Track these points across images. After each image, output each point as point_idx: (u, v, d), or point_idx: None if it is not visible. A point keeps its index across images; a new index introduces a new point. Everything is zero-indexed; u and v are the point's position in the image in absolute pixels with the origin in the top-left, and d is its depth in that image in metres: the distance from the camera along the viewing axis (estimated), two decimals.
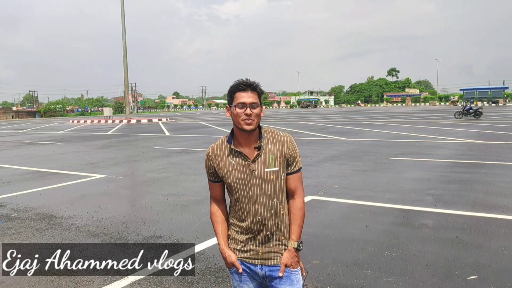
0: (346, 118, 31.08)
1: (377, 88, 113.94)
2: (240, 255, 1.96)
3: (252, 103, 1.82)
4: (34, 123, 43.80)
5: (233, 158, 1.88)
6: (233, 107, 1.85)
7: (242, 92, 1.83)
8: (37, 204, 6.24)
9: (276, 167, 1.85)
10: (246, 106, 1.81)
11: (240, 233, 1.95)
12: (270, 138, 1.89)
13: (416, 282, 3.29)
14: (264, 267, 1.91)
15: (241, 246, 1.95)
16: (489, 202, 5.63)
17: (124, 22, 37.24)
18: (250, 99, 1.82)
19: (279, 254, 1.92)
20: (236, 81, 1.87)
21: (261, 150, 1.86)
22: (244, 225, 1.92)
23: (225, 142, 1.93)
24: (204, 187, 7.12)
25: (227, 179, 1.90)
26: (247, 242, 1.93)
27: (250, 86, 1.84)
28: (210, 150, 1.97)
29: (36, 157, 12.51)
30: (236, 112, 1.83)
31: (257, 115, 1.84)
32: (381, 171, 8.20)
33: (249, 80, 1.86)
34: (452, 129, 17.70)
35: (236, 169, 1.87)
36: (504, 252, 3.86)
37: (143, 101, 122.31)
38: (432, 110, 45.95)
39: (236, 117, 1.83)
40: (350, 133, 17.25)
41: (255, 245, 1.92)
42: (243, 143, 1.88)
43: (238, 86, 1.85)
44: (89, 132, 24.29)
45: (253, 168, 1.85)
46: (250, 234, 1.92)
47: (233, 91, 1.86)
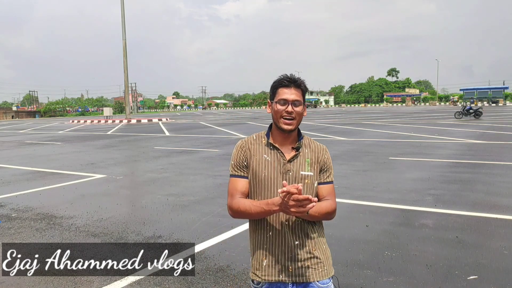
0: (346, 118, 31.09)
1: (377, 88, 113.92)
2: (266, 272, 1.73)
3: (295, 101, 1.71)
4: (34, 123, 43.80)
5: (269, 154, 1.75)
6: (274, 103, 1.74)
7: (285, 88, 1.73)
8: (37, 204, 6.24)
9: (311, 171, 1.75)
10: (288, 103, 1.70)
11: (265, 244, 1.74)
12: (307, 143, 1.81)
13: (416, 282, 3.29)
14: (296, 286, 1.72)
15: (268, 261, 1.73)
16: (489, 202, 5.63)
17: (124, 22, 37.25)
18: (293, 96, 1.71)
19: (312, 269, 1.73)
20: (280, 76, 1.76)
21: (299, 151, 1.76)
22: (271, 233, 1.73)
23: (263, 136, 1.81)
24: (204, 187, 7.12)
25: (259, 174, 1.74)
26: (274, 254, 1.72)
27: (295, 82, 1.73)
28: (244, 142, 1.82)
29: (36, 157, 12.51)
30: (277, 108, 1.72)
31: (299, 113, 1.73)
32: (381, 171, 8.20)
33: (293, 76, 1.75)
34: (452, 129, 17.70)
35: (270, 166, 1.73)
36: (504, 252, 3.86)
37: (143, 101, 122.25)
38: (432, 110, 45.96)
39: (276, 114, 1.73)
40: (350, 133, 17.25)
41: (284, 258, 1.71)
42: (280, 141, 1.77)
43: (281, 82, 1.74)
44: (89, 132, 24.29)
45: (288, 168, 1.73)
46: (277, 244, 1.72)
47: (276, 86, 1.75)
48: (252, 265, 1.80)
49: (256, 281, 1.77)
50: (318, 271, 1.74)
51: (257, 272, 1.76)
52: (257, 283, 1.76)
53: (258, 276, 1.75)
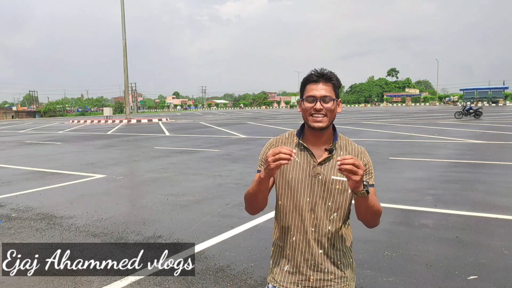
0: (346, 118, 31.09)
1: (377, 88, 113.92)
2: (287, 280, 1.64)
3: (324, 97, 1.58)
4: (34, 123, 43.80)
5: (298, 155, 1.64)
6: (302, 100, 1.63)
7: (313, 84, 1.60)
8: (37, 204, 6.24)
9: (344, 177, 1.52)
10: (316, 100, 1.58)
11: (287, 249, 1.64)
12: (343, 145, 1.67)
13: (416, 282, 3.29)
14: None
15: (289, 267, 1.63)
16: (489, 202, 5.63)
17: (124, 22, 37.25)
18: (322, 91, 1.58)
19: (335, 284, 1.62)
20: (310, 71, 1.63)
21: (332, 153, 1.62)
22: (294, 239, 1.63)
23: (294, 136, 1.70)
24: (204, 187, 7.12)
25: (286, 176, 1.63)
26: (296, 261, 1.62)
27: (323, 76, 1.60)
28: (275, 139, 1.74)
29: (36, 157, 12.51)
30: (305, 106, 1.60)
31: (330, 110, 1.59)
32: (381, 171, 8.20)
33: (323, 70, 1.61)
34: (452, 129, 17.70)
35: (299, 167, 1.62)
36: (504, 252, 3.86)
37: (143, 101, 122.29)
38: (432, 110, 45.96)
39: (305, 113, 1.61)
40: (350, 133, 17.24)
41: (306, 267, 1.61)
42: (312, 142, 1.65)
43: (310, 77, 1.62)
44: (89, 132, 24.29)
45: (318, 171, 1.60)
46: (300, 250, 1.62)
47: (305, 83, 1.64)
48: (271, 269, 1.71)
49: (271, 285, 1.69)
50: (341, 285, 1.63)
51: (276, 276, 1.68)
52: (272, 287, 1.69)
53: (276, 281, 1.67)
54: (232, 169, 8.92)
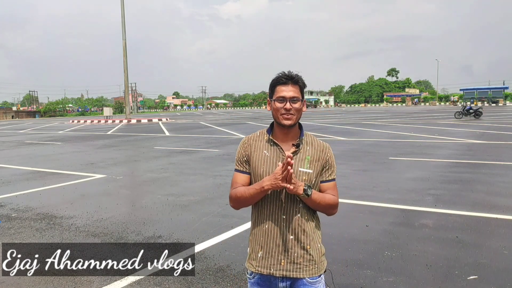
0: (346, 118, 31.09)
1: (377, 88, 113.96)
2: (259, 264, 1.80)
3: (293, 98, 1.75)
4: (34, 123, 43.80)
5: (269, 150, 1.81)
6: (273, 101, 1.79)
7: (283, 86, 1.77)
8: (37, 204, 6.24)
9: (310, 169, 1.78)
10: (286, 101, 1.75)
11: (261, 236, 1.81)
12: (309, 141, 1.84)
13: (416, 282, 3.29)
14: (286, 280, 1.78)
15: (263, 253, 1.80)
16: (489, 202, 5.63)
17: (124, 22, 37.25)
18: (290, 93, 1.75)
19: (304, 266, 1.77)
20: (278, 74, 1.80)
21: (299, 148, 1.79)
22: (267, 226, 1.79)
23: (264, 133, 1.87)
24: (204, 187, 7.12)
25: (258, 170, 1.80)
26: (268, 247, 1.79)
27: (292, 79, 1.77)
28: (247, 138, 1.91)
29: (36, 157, 12.51)
30: (276, 106, 1.77)
31: (297, 110, 1.77)
32: (381, 171, 8.20)
33: (291, 73, 1.78)
34: (452, 129, 17.70)
35: (269, 161, 1.78)
36: (504, 252, 3.86)
37: (143, 101, 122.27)
38: (432, 110, 45.96)
39: (276, 112, 1.78)
40: (350, 133, 17.25)
41: (278, 252, 1.77)
42: (281, 138, 1.82)
43: (279, 79, 1.78)
44: (89, 132, 24.29)
45: None
46: (272, 237, 1.78)
47: (274, 85, 1.80)
48: (249, 255, 1.87)
49: (249, 271, 1.85)
50: (309, 268, 1.78)
51: (252, 262, 1.83)
52: (250, 273, 1.85)
53: (253, 266, 1.83)
54: (232, 169, 8.89)
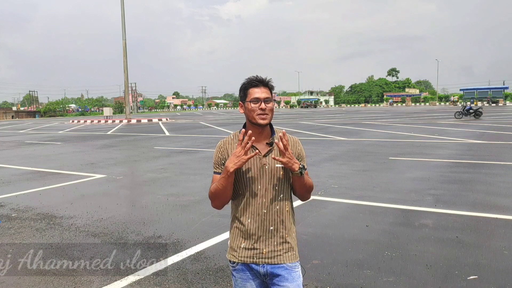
0: (346, 118, 31.09)
1: (377, 88, 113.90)
2: (243, 254, 1.93)
3: (266, 98, 1.87)
4: (34, 123, 43.80)
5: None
6: (247, 102, 1.89)
7: (255, 88, 1.89)
8: (37, 204, 6.25)
9: None
10: (260, 101, 1.86)
11: (244, 230, 1.94)
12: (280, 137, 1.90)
13: (416, 282, 3.29)
14: (267, 266, 1.91)
15: (246, 244, 1.93)
16: (489, 202, 5.63)
17: (124, 22, 37.22)
18: (263, 94, 1.87)
19: (284, 253, 1.92)
20: (248, 78, 1.92)
21: (273, 146, 1.90)
22: (249, 221, 1.92)
23: (237, 136, 1.96)
24: (204, 187, 7.12)
25: (238, 171, 1.89)
26: (251, 239, 1.92)
27: (263, 82, 1.90)
28: (222, 142, 2.01)
29: (36, 157, 12.51)
30: (251, 107, 1.87)
31: (270, 109, 1.89)
32: (381, 171, 8.20)
33: (261, 77, 1.92)
34: (452, 129, 17.70)
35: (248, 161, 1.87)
36: (504, 252, 3.86)
37: (143, 101, 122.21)
38: (432, 110, 45.97)
39: (251, 112, 1.87)
40: (350, 133, 17.25)
41: (259, 242, 1.91)
42: (256, 138, 1.88)
43: (251, 83, 1.90)
44: (89, 132, 24.29)
45: (264, 162, 1.89)
46: (254, 230, 1.91)
47: (246, 88, 1.91)
48: (230, 247, 1.98)
49: (232, 261, 1.98)
50: (289, 254, 1.93)
51: (234, 253, 1.95)
52: (232, 262, 1.98)
53: (235, 257, 1.95)
54: None
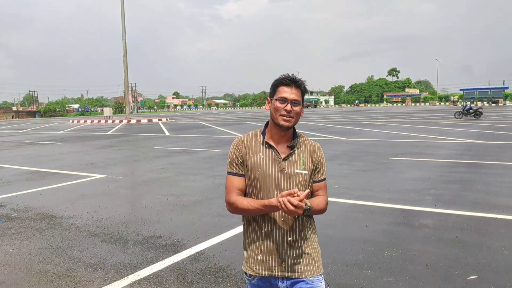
0: (346, 118, 31.09)
1: (377, 88, 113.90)
2: (261, 267, 1.79)
3: (294, 100, 1.75)
4: (34, 123, 43.80)
5: (264, 152, 1.79)
6: (274, 100, 1.78)
7: (286, 87, 1.76)
8: (37, 204, 6.24)
9: (305, 170, 1.78)
10: (287, 102, 1.74)
11: (260, 239, 1.79)
12: (302, 142, 1.84)
13: (416, 282, 3.29)
14: (286, 281, 1.78)
15: (262, 256, 1.78)
16: (489, 202, 5.63)
17: (124, 22, 37.22)
18: (292, 95, 1.75)
19: (304, 266, 1.78)
20: (282, 75, 1.80)
21: (293, 149, 1.79)
22: (265, 229, 1.78)
23: (258, 135, 1.84)
24: (204, 187, 7.12)
25: (254, 173, 1.78)
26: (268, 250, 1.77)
27: (295, 82, 1.77)
28: (240, 139, 1.86)
29: (36, 157, 12.51)
30: (276, 106, 1.75)
31: (297, 113, 1.77)
32: (381, 171, 8.20)
33: (295, 76, 1.80)
34: (452, 129, 17.70)
35: (265, 164, 1.77)
36: (504, 252, 3.85)
37: (143, 101, 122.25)
38: (432, 110, 45.96)
39: (275, 112, 1.76)
40: (350, 133, 17.25)
41: (278, 254, 1.77)
42: (276, 139, 1.80)
43: (282, 81, 1.78)
44: (89, 132, 24.29)
45: (283, 166, 1.76)
46: (271, 239, 1.77)
47: (277, 84, 1.79)
48: (246, 258, 1.85)
49: (248, 274, 1.83)
50: (310, 267, 1.79)
51: (251, 265, 1.82)
52: (249, 275, 1.83)
53: (252, 269, 1.81)
54: None
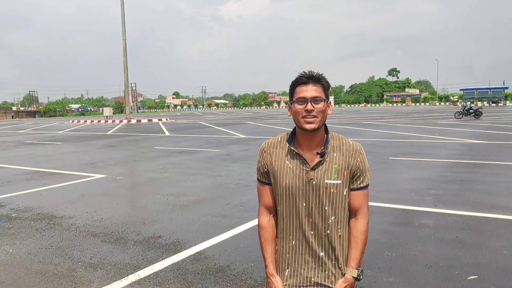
0: (346, 118, 31.08)
1: (377, 88, 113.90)
2: (286, 283, 1.65)
3: (314, 97, 1.55)
4: (34, 123, 43.80)
5: (291, 160, 1.61)
6: (292, 103, 1.60)
7: (303, 86, 1.57)
8: (37, 204, 6.24)
9: (338, 179, 1.58)
10: (307, 101, 1.55)
11: (287, 253, 1.66)
12: (336, 146, 1.62)
13: (416, 282, 3.29)
14: None
15: (289, 271, 1.65)
16: (489, 202, 5.63)
17: (124, 22, 37.24)
18: (312, 92, 1.55)
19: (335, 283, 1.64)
20: (298, 74, 1.61)
21: (324, 157, 1.59)
22: (293, 242, 1.64)
23: (284, 141, 1.66)
24: (204, 187, 7.12)
25: (279, 183, 1.62)
26: (296, 264, 1.64)
27: (313, 77, 1.57)
28: (266, 145, 1.70)
29: (36, 157, 12.51)
30: (296, 109, 1.57)
31: (321, 111, 1.56)
32: (381, 171, 8.20)
33: (312, 72, 1.59)
34: (452, 129, 17.70)
35: (292, 173, 1.60)
36: (504, 252, 3.85)
37: (143, 101, 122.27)
38: (432, 110, 45.96)
39: (296, 115, 1.57)
40: (350, 133, 17.24)
41: (307, 269, 1.62)
42: (305, 145, 1.61)
43: (298, 80, 1.59)
44: (89, 132, 24.29)
45: (311, 176, 1.58)
46: (300, 254, 1.63)
47: (294, 86, 1.61)
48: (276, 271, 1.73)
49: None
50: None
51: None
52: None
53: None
54: (232, 169, 8.92)
